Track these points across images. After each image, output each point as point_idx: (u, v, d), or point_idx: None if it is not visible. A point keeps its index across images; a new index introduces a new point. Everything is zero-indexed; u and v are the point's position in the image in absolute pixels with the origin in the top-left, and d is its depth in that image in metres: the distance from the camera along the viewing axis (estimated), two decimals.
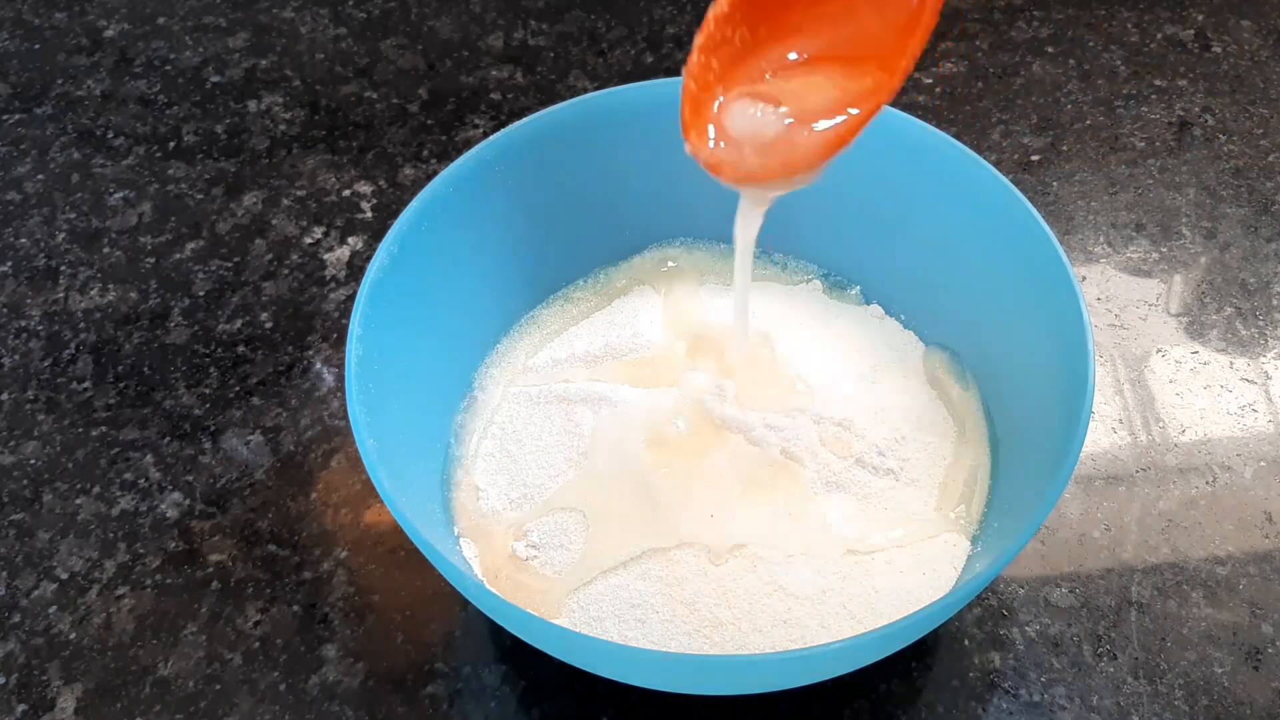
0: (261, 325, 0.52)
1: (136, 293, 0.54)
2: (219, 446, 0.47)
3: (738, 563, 0.38)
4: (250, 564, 0.44)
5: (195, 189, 0.58)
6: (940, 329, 0.46)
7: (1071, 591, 0.42)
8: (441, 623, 0.42)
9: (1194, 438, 0.46)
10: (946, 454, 0.42)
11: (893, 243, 0.46)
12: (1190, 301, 0.51)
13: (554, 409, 0.43)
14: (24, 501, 0.46)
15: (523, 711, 0.39)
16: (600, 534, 0.40)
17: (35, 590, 0.43)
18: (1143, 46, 0.63)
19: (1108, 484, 0.45)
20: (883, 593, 0.38)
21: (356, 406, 0.36)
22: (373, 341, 0.38)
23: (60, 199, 0.58)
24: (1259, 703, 0.39)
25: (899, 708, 0.39)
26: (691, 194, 0.48)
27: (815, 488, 0.40)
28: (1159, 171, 0.57)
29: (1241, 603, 0.41)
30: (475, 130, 0.60)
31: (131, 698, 0.40)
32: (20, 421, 0.49)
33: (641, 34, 0.66)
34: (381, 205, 0.57)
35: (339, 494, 0.46)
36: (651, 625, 0.37)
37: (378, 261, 0.40)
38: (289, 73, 0.65)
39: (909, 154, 0.43)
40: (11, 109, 0.63)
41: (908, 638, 0.34)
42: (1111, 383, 0.48)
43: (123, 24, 0.68)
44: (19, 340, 0.52)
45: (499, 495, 0.41)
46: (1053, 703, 0.39)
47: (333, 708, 0.40)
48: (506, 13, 0.68)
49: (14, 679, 0.41)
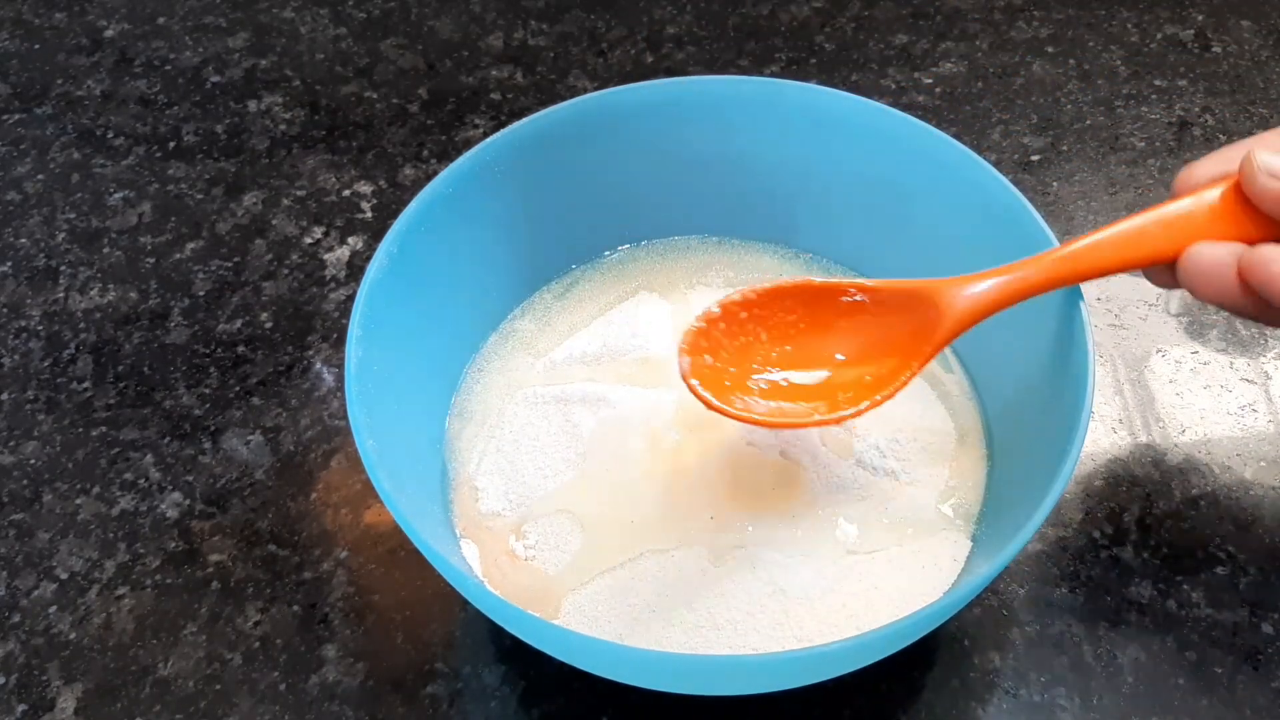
0: (261, 325, 0.52)
1: (136, 293, 0.54)
2: (219, 446, 0.47)
3: (737, 563, 0.38)
4: (250, 564, 0.44)
5: (195, 189, 0.58)
6: None
7: (1071, 591, 0.42)
8: (441, 623, 0.42)
9: (1194, 438, 0.46)
10: (947, 454, 0.42)
11: (892, 243, 0.46)
12: (1190, 301, 0.51)
13: (553, 409, 0.43)
14: (24, 501, 0.46)
15: (523, 711, 0.39)
16: (599, 534, 0.40)
17: (35, 590, 0.43)
18: (1143, 46, 0.63)
19: (1108, 484, 0.45)
20: (883, 593, 0.38)
21: (356, 406, 0.36)
22: (373, 341, 0.38)
23: (60, 199, 0.58)
24: (1259, 703, 0.39)
25: (899, 708, 0.39)
26: (692, 194, 0.48)
27: (815, 488, 0.40)
28: (1159, 171, 0.57)
29: (1241, 603, 0.41)
30: (475, 130, 0.60)
31: (131, 698, 0.40)
32: (20, 421, 0.49)
33: (641, 34, 0.66)
34: (381, 205, 0.57)
35: (339, 494, 0.46)
36: (651, 625, 0.37)
37: (378, 261, 0.40)
38: (289, 73, 0.65)
39: (909, 154, 0.43)
40: (11, 109, 0.63)
41: (908, 638, 0.34)
42: (1111, 383, 0.48)
43: (123, 24, 0.68)
44: (19, 340, 0.52)
45: (498, 495, 0.41)
46: (1053, 703, 0.39)
47: (333, 708, 0.40)
48: (506, 13, 0.68)
49: (14, 679, 0.41)
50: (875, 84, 0.62)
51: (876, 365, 0.37)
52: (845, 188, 0.46)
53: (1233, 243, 0.34)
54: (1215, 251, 0.34)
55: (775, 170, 0.47)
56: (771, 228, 0.49)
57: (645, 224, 0.49)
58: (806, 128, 0.45)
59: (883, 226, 0.46)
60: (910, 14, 0.67)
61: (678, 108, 0.46)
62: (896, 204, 0.45)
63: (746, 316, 0.38)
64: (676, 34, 0.66)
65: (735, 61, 0.64)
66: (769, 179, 0.47)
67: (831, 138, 0.45)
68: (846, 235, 0.48)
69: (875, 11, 0.67)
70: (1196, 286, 0.35)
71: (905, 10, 0.67)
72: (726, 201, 0.49)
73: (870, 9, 0.67)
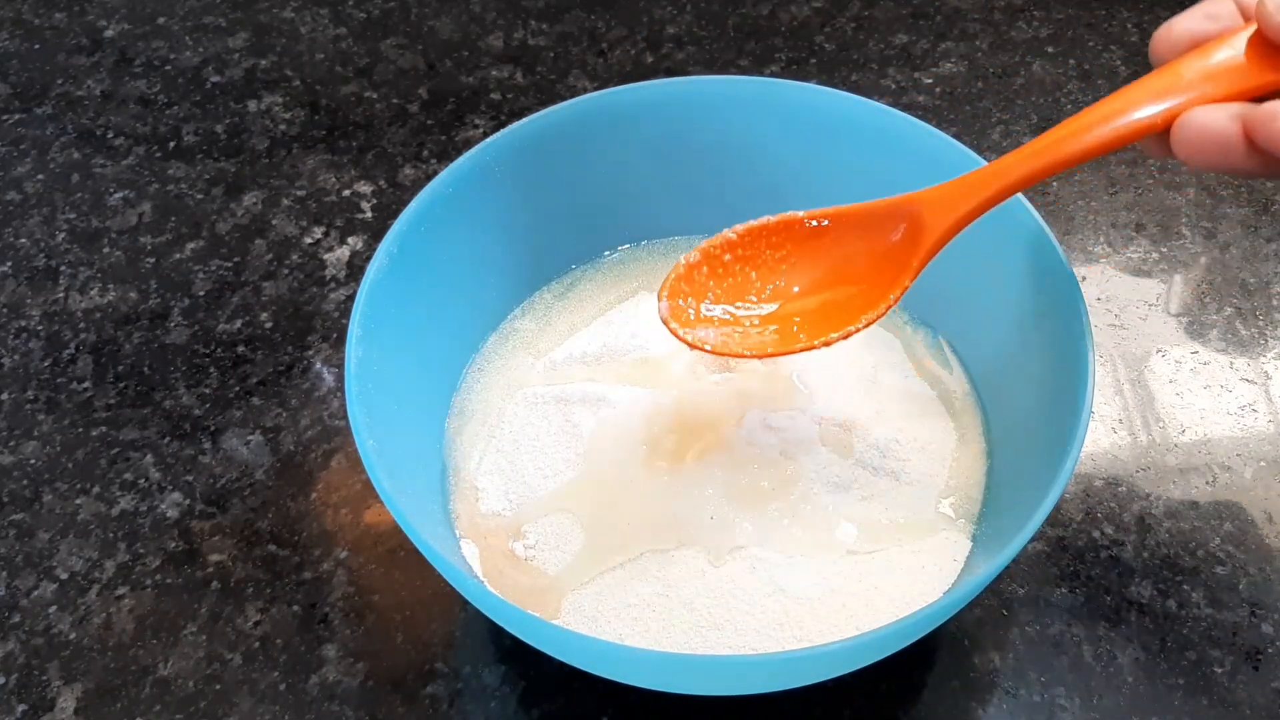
0: (261, 325, 0.52)
1: (136, 293, 0.54)
2: (219, 446, 0.47)
3: (737, 564, 0.38)
4: (250, 564, 0.44)
5: (195, 189, 0.58)
6: (941, 329, 0.46)
7: (1071, 591, 0.42)
8: (441, 623, 0.42)
9: (1194, 438, 0.46)
10: (947, 454, 0.42)
11: None
12: (1190, 301, 0.51)
13: (553, 409, 0.43)
14: (24, 501, 0.46)
15: (523, 711, 0.39)
16: (599, 535, 0.40)
17: (35, 590, 0.43)
18: (1143, 46, 0.63)
19: (1108, 484, 0.45)
20: (883, 593, 0.38)
21: (356, 406, 0.36)
22: (373, 342, 0.38)
23: (60, 199, 0.58)
24: (1259, 703, 0.39)
25: (899, 708, 0.39)
26: (691, 194, 0.48)
27: (815, 488, 0.40)
28: (1159, 171, 0.57)
29: (1241, 603, 0.41)
30: (475, 130, 0.60)
31: (131, 698, 0.40)
32: (20, 421, 0.49)
33: (641, 34, 0.66)
34: (381, 205, 0.57)
35: (339, 494, 0.46)
36: (651, 625, 0.37)
37: (378, 261, 0.40)
38: (289, 73, 0.65)
39: (909, 154, 0.43)
40: (11, 109, 0.63)
41: (908, 638, 0.34)
42: (1111, 383, 0.48)
43: (123, 24, 0.68)
44: (19, 340, 0.52)
45: (498, 495, 0.41)
46: (1053, 703, 0.39)
47: (333, 708, 0.40)
48: (506, 13, 0.68)
49: (14, 679, 0.41)
50: (875, 84, 0.62)
51: (869, 284, 0.37)
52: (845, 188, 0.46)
53: (1230, 103, 0.33)
54: (1213, 115, 0.33)
55: (775, 170, 0.47)
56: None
57: (645, 224, 0.49)
58: (806, 128, 0.45)
59: None
60: (910, 14, 0.67)
61: (678, 108, 0.46)
62: None
63: (731, 259, 0.38)
64: (676, 34, 0.66)
65: (735, 61, 0.64)
66: (769, 179, 0.47)
67: (831, 138, 0.45)
68: None
69: (875, 11, 0.67)
70: (1193, 154, 0.33)
71: (905, 10, 0.67)
72: (726, 201, 0.48)
73: (870, 9, 0.67)
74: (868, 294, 0.37)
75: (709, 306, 0.38)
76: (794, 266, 0.38)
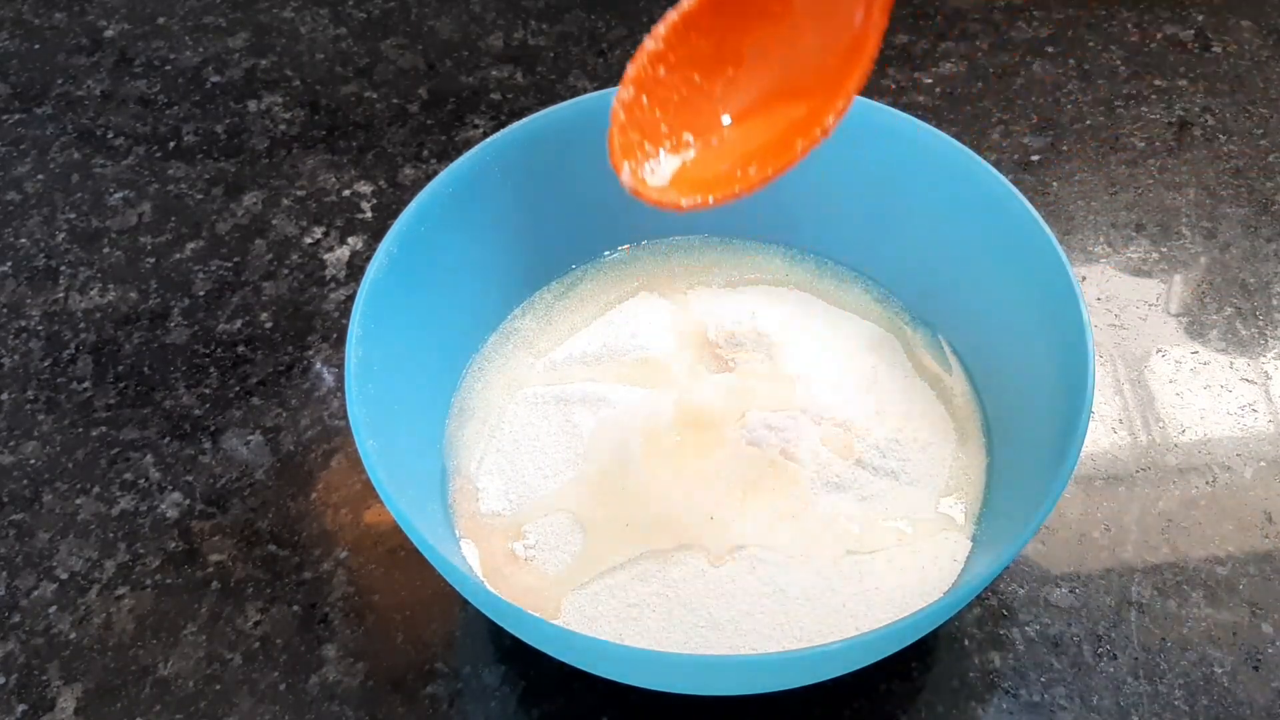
0: (261, 325, 0.52)
1: (136, 293, 0.54)
2: (219, 446, 0.47)
3: (737, 564, 0.38)
4: (250, 564, 0.44)
5: (195, 189, 0.58)
6: (941, 329, 0.46)
7: (1071, 591, 0.42)
8: (441, 623, 0.42)
9: (1194, 438, 0.46)
10: (947, 454, 0.42)
11: (892, 242, 0.46)
12: (1190, 301, 0.51)
13: (553, 410, 0.43)
14: (24, 501, 0.46)
15: (523, 711, 0.39)
16: (599, 535, 0.40)
17: (35, 590, 0.43)
18: (1143, 46, 0.63)
19: (1108, 484, 0.45)
20: (883, 593, 0.38)
21: (356, 407, 0.36)
22: (373, 341, 0.38)
23: (60, 199, 0.58)
24: (1259, 703, 0.39)
25: (899, 708, 0.39)
26: None
27: (815, 488, 0.40)
28: (1159, 171, 0.57)
29: (1241, 603, 0.41)
30: (475, 130, 0.60)
31: (131, 698, 0.40)
32: (20, 421, 0.49)
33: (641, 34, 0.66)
34: (381, 205, 0.57)
35: (339, 494, 0.46)
36: (650, 625, 0.37)
37: (378, 261, 0.40)
38: (289, 73, 0.65)
39: (909, 154, 0.43)
40: (11, 109, 0.63)
41: (908, 638, 0.34)
42: (1111, 383, 0.48)
43: (123, 24, 0.68)
44: (19, 340, 0.52)
45: (498, 496, 0.41)
46: (1053, 703, 0.39)
47: (333, 708, 0.40)
48: (506, 13, 0.68)
49: (14, 679, 0.41)
50: (875, 84, 0.62)
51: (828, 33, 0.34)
52: (845, 187, 0.46)
53: None
54: None
55: None
56: (771, 227, 0.49)
57: (645, 224, 0.49)
58: None
59: (882, 226, 0.46)
60: (910, 14, 0.66)
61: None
62: (896, 203, 0.45)
63: (666, 71, 0.35)
64: None
65: None
66: None
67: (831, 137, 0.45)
68: (847, 234, 0.48)
69: None
70: None
71: (905, 10, 0.67)
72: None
73: None
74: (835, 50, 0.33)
75: (667, 154, 0.34)
76: (737, 49, 0.34)
